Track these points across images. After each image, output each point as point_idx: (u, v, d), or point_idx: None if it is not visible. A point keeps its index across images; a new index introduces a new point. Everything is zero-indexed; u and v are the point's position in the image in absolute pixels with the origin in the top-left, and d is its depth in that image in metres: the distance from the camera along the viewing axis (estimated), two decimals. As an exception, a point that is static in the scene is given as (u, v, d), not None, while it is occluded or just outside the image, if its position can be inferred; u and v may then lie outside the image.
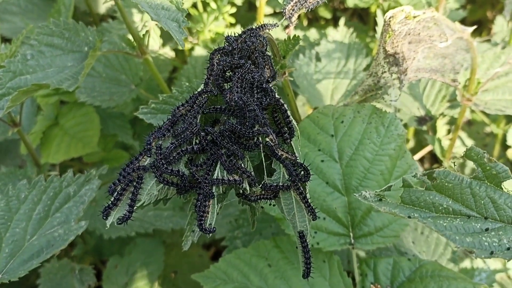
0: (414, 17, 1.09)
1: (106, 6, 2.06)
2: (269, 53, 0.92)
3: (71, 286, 1.71)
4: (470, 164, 1.96)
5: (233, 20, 1.98)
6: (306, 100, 1.66)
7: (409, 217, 0.70)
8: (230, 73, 0.85)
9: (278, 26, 0.99)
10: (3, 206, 1.18)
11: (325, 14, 2.53)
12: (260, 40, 0.85)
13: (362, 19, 2.80)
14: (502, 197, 0.70)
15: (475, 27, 1.23)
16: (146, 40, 1.38)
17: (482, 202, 0.70)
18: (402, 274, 1.14)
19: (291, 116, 0.86)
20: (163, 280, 1.93)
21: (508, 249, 0.65)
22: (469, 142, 2.13)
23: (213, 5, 1.89)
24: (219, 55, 0.84)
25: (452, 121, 2.02)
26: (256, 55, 0.83)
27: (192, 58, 1.89)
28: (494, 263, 1.59)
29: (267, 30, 0.89)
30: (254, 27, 0.88)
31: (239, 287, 1.20)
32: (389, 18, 1.08)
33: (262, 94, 0.81)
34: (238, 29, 1.96)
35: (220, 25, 1.98)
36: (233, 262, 1.23)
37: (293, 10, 1.00)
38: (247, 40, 0.84)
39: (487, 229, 0.69)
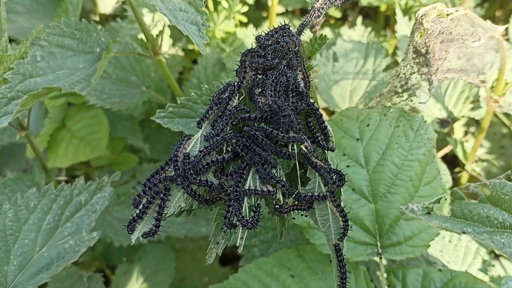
0: (447, 15, 1.04)
1: (111, 5, 1.99)
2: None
3: (80, 295, 1.66)
4: (493, 170, 1.91)
5: (244, 19, 1.92)
6: (323, 101, 1.60)
7: (463, 232, 0.65)
8: (261, 76, 0.79)
9: (306, 27, 0.94)
10: (12, 216, 1.12)
11: (335, 13, 2.47)
12: (293, 40, 0.79)
13: (370, 17, 2.74)
14: None
15: (507, 25, 1.18)
16: (159, 40, 1.32)
17: (542, 215, 0.65)
18: (433, 286, 1.08)
19: (326, 122, 0.80)
20: (173, 286, 1.88)
21: None
22: (486, 144, 2.07)
23: (224, 3, 1.83)
24: (250, 56, 0.78)
25: (469, 123, 1.97)
26: (290, 56, 0.77)
27: (203, 58, 1.83)
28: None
29: (301, 31, 0.83)
30: (285, 25, 0.82)
31: (260, 299, 1.14)
32: (421, 16, 1.02)
33: (298, 98, 0.76)
34: (250, 29, 1.90)
35: (230, 24, 1.92)
36: (253, 273, 1.18)
37: (322, 8, 0.94)
38: (280, 40, 0.78)
39: (548, 245, 0.63)
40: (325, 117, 1.66)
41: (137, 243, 1.63)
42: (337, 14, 2.49)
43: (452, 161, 1.94)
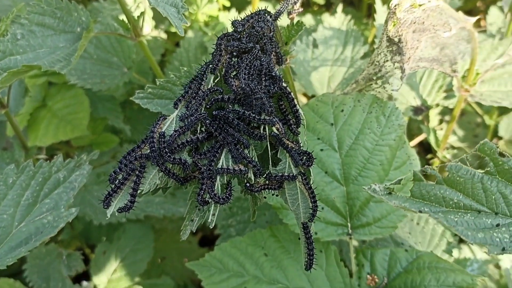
0: (420, 5, 1.07)
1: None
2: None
3: (58, 272, 1.68)
4: (461, 155, 1.97)
5: (227, 3, 1.93)
6: (302, 87, 1.63)
7: (420, 211, 0.69)
8: (236, 59, 0.82)
9: (282, 13, 0.96)
10: (-10, 192, 1.14)
11: (319, 0, 2.49)
12: (268, 25, 0.82)
13: (353, 5, 2.77)
14: (514, 193, 0.69)
15: (478, 17, 1.22)
16: (140, 22, 1.33)
17: (493, 197, 0.69)
18: (399, 265, 1.13)
19: (298, 105, 0.83)
20: (152, 266, 1.91)
21: (521, 245, 0.65)
22: (460, 132, 2.13)
23: (207, -13, 1.84)
24: (226, 40, 0.81)
25: (444, 111, 2.02)
26: (264, 41, 0.80)
27: (185, 41, 1.85)
28: (482, 254, 1.61)
29: (277, 18, 0.86)
30: (261, 10, 0.84)
31: (234, 276, 1.18)
32: (395, 6, 1.05)
33: (270, 81, 0.79)
34: (233, 13, 1.91)
35: (213, 8, 1.93)
36: (229, 251, 1.22)
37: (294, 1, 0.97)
38: (255, 25, 0.81)
39: (498, 225, 0.68)
40: (304, 101, 1.70)
41: (116, 222, 1.66)
42: (321, 1, 2.51)
43: (428, 148, 2.00)
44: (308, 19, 2.02)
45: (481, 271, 1.43)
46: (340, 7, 1.81)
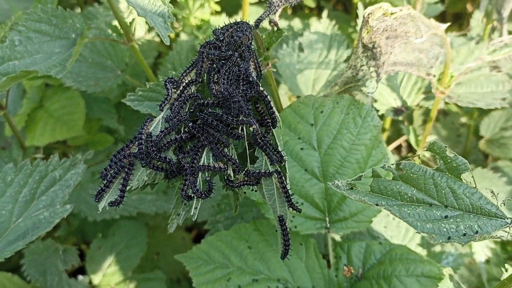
0: (392, 14, 1.15)
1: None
2: (254, 46, 0.96)
3: (55, 266, 1.75)
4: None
5: (218, 8, 2.00)
6: (288, 89, 1.71)
7: (377, 204, 0.77)
8: (216, 65, 0.89)
9: (262, 21, 1.04)
10: (-11, 189, 1.21)
11: (309, 3, 2.57)
12: (246, 35, 0.89)
13: (346, 8, 2.85)
14: (461, 188, 0.77)
15: (448, 24, 1.30)
16: (132, 28, 1.40)
17: (443, 192, 0.77)
18: (373, 257, 1.21)
19: (274, 108, 0.91)
20: (146, 261, 1.98)
21: (464, 234, 0.72)
22: (444, 132, 2.21)
23: (199, -8, 1.91)
24: (208, 48, 0.88)
25: (428, 112, 2.10)
26: (242, 49, 0.88)
27: (178, 44, 1.92)
28: (462, 248, 1.69)
29: (255, 29, 0.94)
30: (240, 22, 0.92)
31: (220, 267, 1.26)
32: (368, 14, 1.13)
33: (247, 86, 0.86)
34: (223, 17, 1.99)
35: (205, 12, 2.00)
36: (214, 244, 1.29)
37: (278, 5, 1.04)
38: (234, 34, 0.88)
39: (446, 217, 0.75)
40: (288, 103, 1.77)
41: (111, 218, 1.73)
42: (312, 4, 2.59)
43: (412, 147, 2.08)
44: (296, 23, 2.10)
45: (456, 264, 1.50)
46: (325, 13, 1.88)
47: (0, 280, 1.63)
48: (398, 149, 2.24)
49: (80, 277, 1.81)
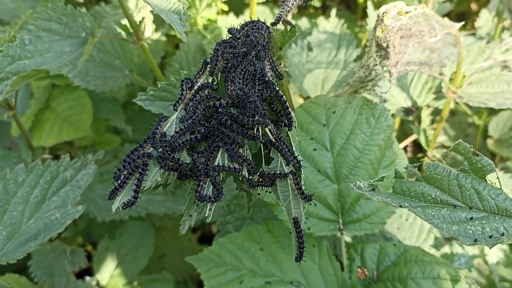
0: (406, 12, 1.13)
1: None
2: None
3: (62, 268, 1.74)
4: (451, 154, 2.03)
5: (225, 8, 1.99)
6: (297, 89, 1.69)
7: (400, 206, 0.75)
8: (232, 65, 0.88)
9: (281, 20, 1.02)
10: (1, 189, 1.20)
11: (315, 2, 2.55)
12: (262, 34, 0.88)
13: (350, 8, 2.83)
14: (486, 189, 0.75)
15: (462, 23, 1.28)
16: (142, 26, 1.39)
17: (468, 193, 0.76)
18: (388, 259, 1.20)
19: (290, 108, 0.89)
20: (152, 262, 1.97)
21: (491, 237, 0.71)
22: (452, 132, 2.20)
23: (206, -9, 1.90)
24: (223, 47, 0.87)
25: (436, 112, 2.09)
26: (258, 48, 0.86)
27: (185, 44, 1.91)
28: (472, 249, 1.67)
29: (276, 24, 0.92)
30: (256, 21, 0.91)
31: (232, 269, 1.24)
32: (383, 13, 1.12)
33: (263, 86, 0.85)
34: (231, 17, 1.97)
35: (212, 12, 1.99)
36: (226, 246, 1.28)
37: (292, 4, 1.03)
38: (249, 33, 0.87)
39: (471, 218, 0.74)
40: (300, 103, 1.76)
41: (119, 219, 1.72)
42: (317, 3, 2.57)
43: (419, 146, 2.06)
44: (303, 22, 2.08)
45: (468, 265, 1.49)
46: (334, 11, 1.87)
47: (8, 281, 1.62)
48: (404, 149, 2.23)
49: (87, 278, 1.80)
